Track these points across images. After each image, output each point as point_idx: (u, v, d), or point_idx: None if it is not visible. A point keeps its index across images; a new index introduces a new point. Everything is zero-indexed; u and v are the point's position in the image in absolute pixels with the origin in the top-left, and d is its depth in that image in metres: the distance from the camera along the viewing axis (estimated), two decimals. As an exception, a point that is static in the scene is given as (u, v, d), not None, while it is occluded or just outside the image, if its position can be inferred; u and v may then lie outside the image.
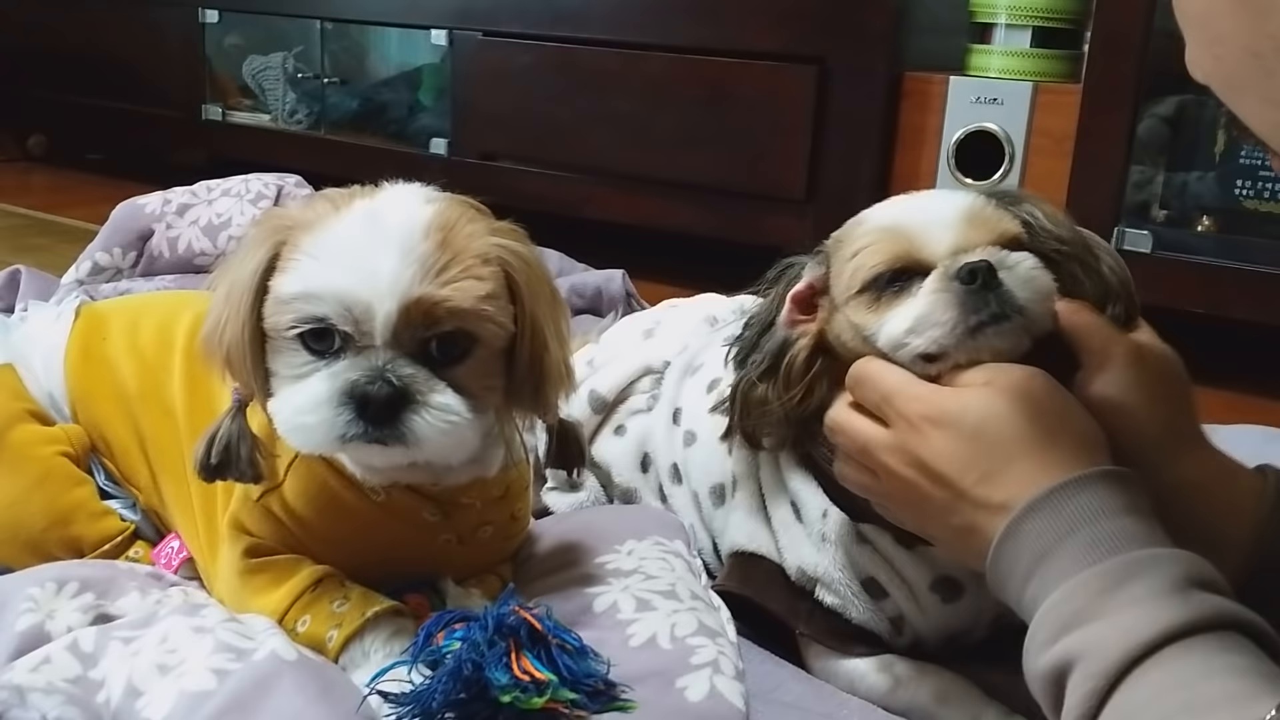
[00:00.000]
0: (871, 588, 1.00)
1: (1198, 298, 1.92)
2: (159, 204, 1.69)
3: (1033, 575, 0.77)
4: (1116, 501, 0.77)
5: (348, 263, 0.85)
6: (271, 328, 0.88)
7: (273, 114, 3.04)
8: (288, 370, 0.88)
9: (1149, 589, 0.71)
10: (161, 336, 1.12)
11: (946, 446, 0.84)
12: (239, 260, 0.91)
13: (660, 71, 2.39)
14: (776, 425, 0.99)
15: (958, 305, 0.88)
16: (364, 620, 0.93)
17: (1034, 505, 0.78)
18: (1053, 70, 2.11)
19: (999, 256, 0.90)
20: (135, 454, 1.12)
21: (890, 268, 0.92)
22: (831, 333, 0.97)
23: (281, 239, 0.88)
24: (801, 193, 2.24)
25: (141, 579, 1.03)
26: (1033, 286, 0.89)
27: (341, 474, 0.97)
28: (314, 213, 0.89)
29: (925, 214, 0.94)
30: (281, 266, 0.87)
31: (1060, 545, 0.76)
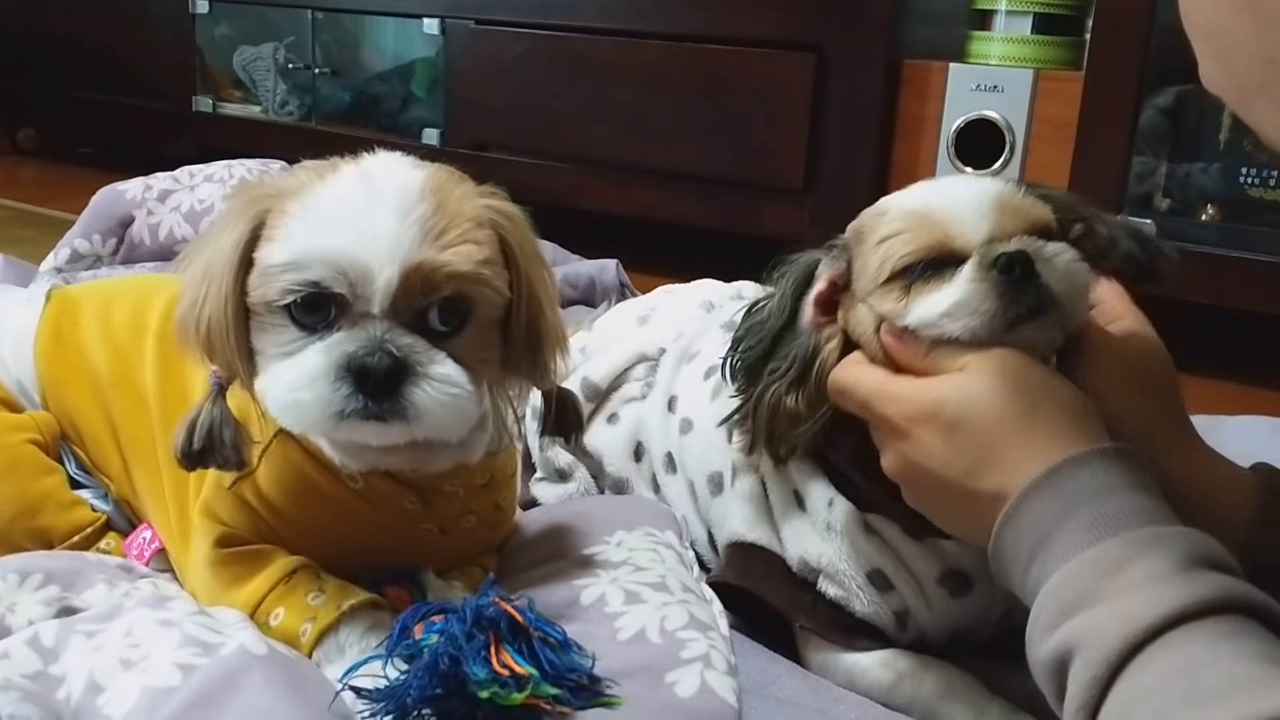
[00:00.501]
0: (877, 580, 0.97)
1: (1202, 288, 1.88)
2: (140, 190, 1.65)
3: (1034, 559, 0.74)
4: (1117, 478, 0.74)
5: (343, 226, 0.81)
6: (258, 301, 0.84)
7: (264, 106, 3.01)
8: (275, 348, 0.84)
9: (1151, 570, 0.67)
10: (135, 320, 1.09)
11: (930, 443, 0.82)
12: (216, 234, 0.87)
13: (656, 60, 2.36)
14: (806, 435, 0.95)
15: (998, 296, 0.85)
16: (340, 614, 0.89)
17: (1033, 488, 0.75)
18: (1054, 57, 2.08)
19: (1035, 247, 0.86)
20: (107, 442, 1.08)
21: (923, 257, 0.89)
22: (851, 327, 0.94)
23: (264, 208, 0.84)
24: (799, 182, 2.21)
25: (111, 571, 1.00)
26: (1071, 280, 0.86)
27: (318, 460, 0.93)
28: (297, 180, 0.85)
29: (957, 201, 0.91)
30: (267, 235, 0.83)
31: (1060, 527, 0.73)
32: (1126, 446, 0.76)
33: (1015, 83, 2.04)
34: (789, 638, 1.01)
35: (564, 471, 1.23)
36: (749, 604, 1.02)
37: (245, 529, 0.95)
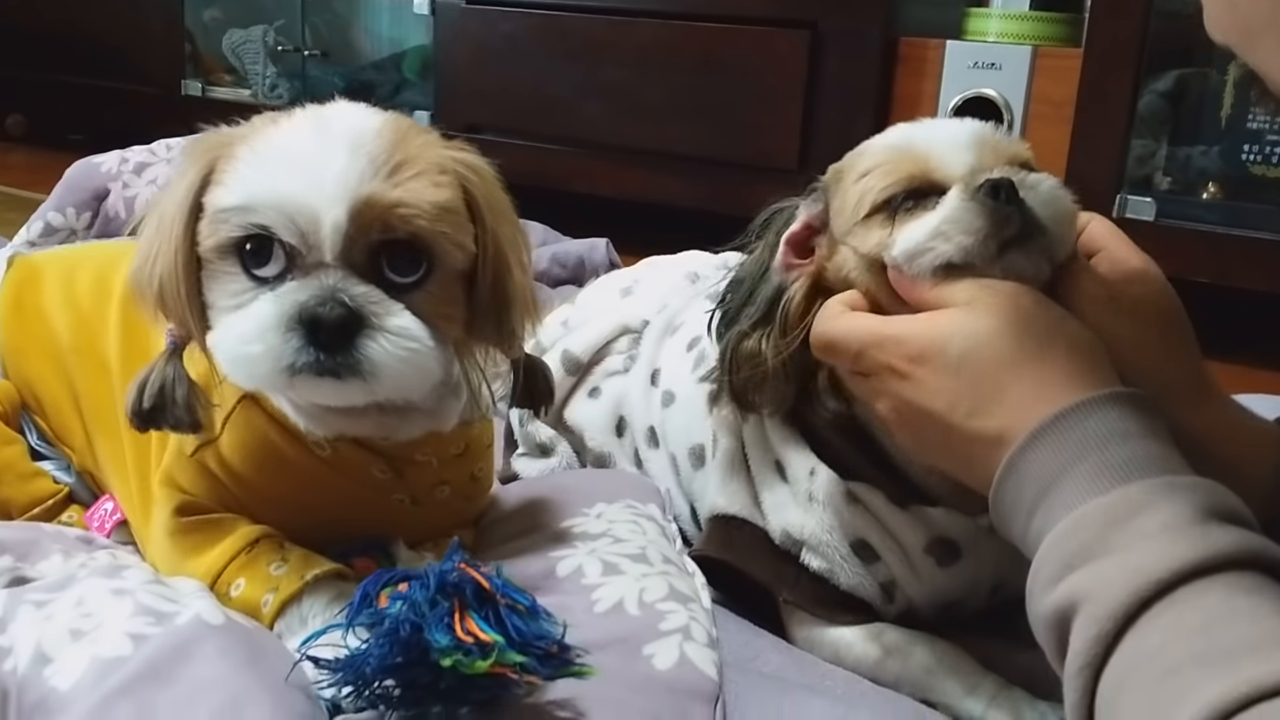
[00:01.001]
0: (862, 551, 0.93)
1: (1203, 267, 1.85)
2: (115, 163, 1.61)
3: (1036, 508, 0.70)
4: (1127, 425, 0.70)
5: (290, 167, 0.77)
6: (208, 250, 0.80)
7: (253, 89, 2.97)
8: (227, 300, 0.80)
9: (1163, 521, 0.63)
10: (99, 286, 1.05)
11: (932, 382, 0.77)
12: (170, 185, 0.83)
13: (648, 39, 2.32)
14: (772, 381, 0.92)
15: (987, 216, 0.81)
16: (303, 584, 0.85)
17: (1038, 433, 0.71)
18: (1053, 34, 2.04)
19: (1019, 176, 0.84)
20: (69, 412, 1.05)
21: (905, 188, 0.86)
22: (832, 269, 0.90)
23: (216, 154, 0.80)
24: (794, 162, 2.18)
25: (69, 542, 0.96)
26: (1056, 206, 0.84)
27: (284, 426, 0.89)
28: (251, 127, 0.82)
29: (938, 135, 0.89)
30: (216, 180, 0.79)
31: (1065, 475, 0.69)
32: (1138, 392, 0.72)
33: (1013, 60, 2.00)
34: (774, 612, 0.98)
35: (546, 446, 1.20)
36: (733, 578, 0.99)
37: (207, 497, 0.91)
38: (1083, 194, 0.89)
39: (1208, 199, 1.92)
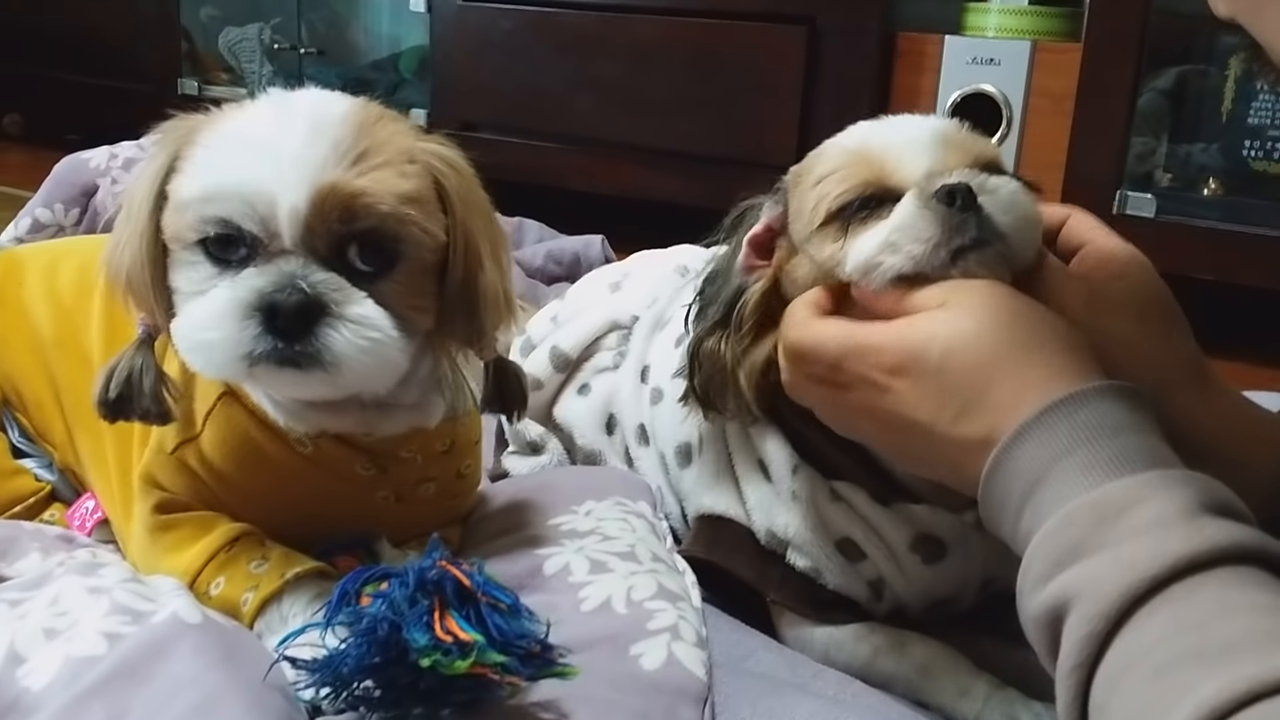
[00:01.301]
0: (847, 549, 0.92)
1: (1203, 264, 1.83)
2: (104, 158, 1.59)
3: (1026, 504, 0.68)
4: (1116, 418, 0.67)
5: (249, 152, 0.75)
6: (172, 238, 0.79)
7: (249, 88, 2.95)
8: (190, 286, 0.78)
9: (1155, 516, 0.61)
10: (81, 279, 1.04)
11: (914, 392, 0.75)
12: (139, 172, 0.82)
13: (645, 34, 2.30)
14: (731, 384, 0.90)
15: (939, 223, 0.79)
16: (283, 582, 0.84)
17: (1024, 429, 0.69)
18: (1052, 28, 2.02)
19: (979, 180, 0.81)
20: (51, 407, 1.03)
21: (859, 194, 0.83)
22: (788, 276, 0.88)
23: (180, 141, 0.79)
24: (792, 158, 2.09)
25: (48, 540, 0.95)
26: (1016, 212, 0.81)
27: (265, 423, 0.88)
28: (217, 114, 0.80)
29: (896, 136, 0.86)
30: (179, 168, 0.78)
31: (1053, 470, 0.67)
32: (1126, 384, 0.70)
33: (1012, 55, 1.98)
34: (766, 610, 0.96)
35: (536, 444, 1.18)
36: (724, 576, 0.97)
37: (187, 495, 0.90)
38: (1082, 190, 0.88)
39: (1209, 195, 1.91)
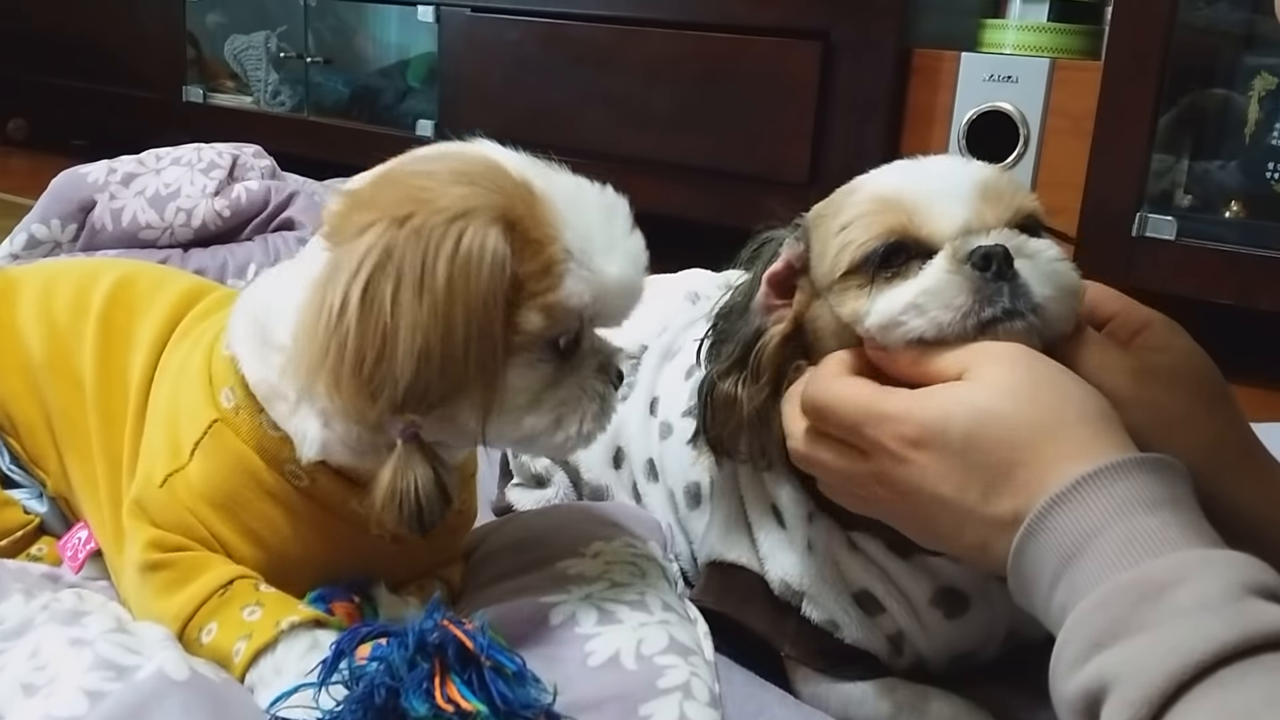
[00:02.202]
0: (865, 602, 0.88)
1: (1224, 287, 1.79)
2: (103, 173, 1.56)
3: (1059, 580, 0.64)
4: (1154, 492, 0.64)
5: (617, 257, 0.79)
6: (527, 337, 0.77)
7: (255, 96, 2.93)
8: (524, 383, 0.79)
9: (1198, 597, 0.58)
10: (77, 300, 1.01)
11: (936, 468, 0.71)
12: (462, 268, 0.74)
13: (656, 48, 2.27)
14: (747, 430, 0.86)
15: (971, 292, 0.74)
16: (277, 632, 0.80)
17: (1058, 500, 0.65)
18: (1071, 46, 1.99)
19: (1017, 242, 0.76)
20: (42, 432, 1.00)
21: (884, 243, 0.78)
22: (809, 320, 0.84)
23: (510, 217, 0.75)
24: (804, 175, 2.13)
25: (33, 580, 0.91)
26: (1055, 282, 0.76)
27: (260, 452, 0.85)
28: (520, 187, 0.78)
29: (932, 183, 0.80)
30: (537, 270, 0.76)
31: (1090, 544, 0.63)
32: (1163, 457, 0.67)
33: (1030, 72, 1.94)
34: (780, 663, 0.92)
35: (541, 477, 1.15)
36: (735, 624, 0.93)
37: (179, 530, 0.86)
38: (1101, 212, 0.84)
39: (1230, 217, 1.87)
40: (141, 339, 0.96)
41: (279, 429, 0.84)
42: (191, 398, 0.88)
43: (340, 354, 0.72)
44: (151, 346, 0.95)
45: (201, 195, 1.59)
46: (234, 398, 0.86)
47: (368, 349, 0.71)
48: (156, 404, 0.92)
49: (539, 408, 0.81)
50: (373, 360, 0.71)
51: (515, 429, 0.81)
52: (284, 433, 0.84)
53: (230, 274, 1.58)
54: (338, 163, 2.68)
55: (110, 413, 0.95)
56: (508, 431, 0.81)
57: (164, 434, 0.89)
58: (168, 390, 0.91)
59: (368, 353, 0.71)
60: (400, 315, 0.71)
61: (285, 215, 1.65)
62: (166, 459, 0.87)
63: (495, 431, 0.80)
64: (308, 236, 1.63)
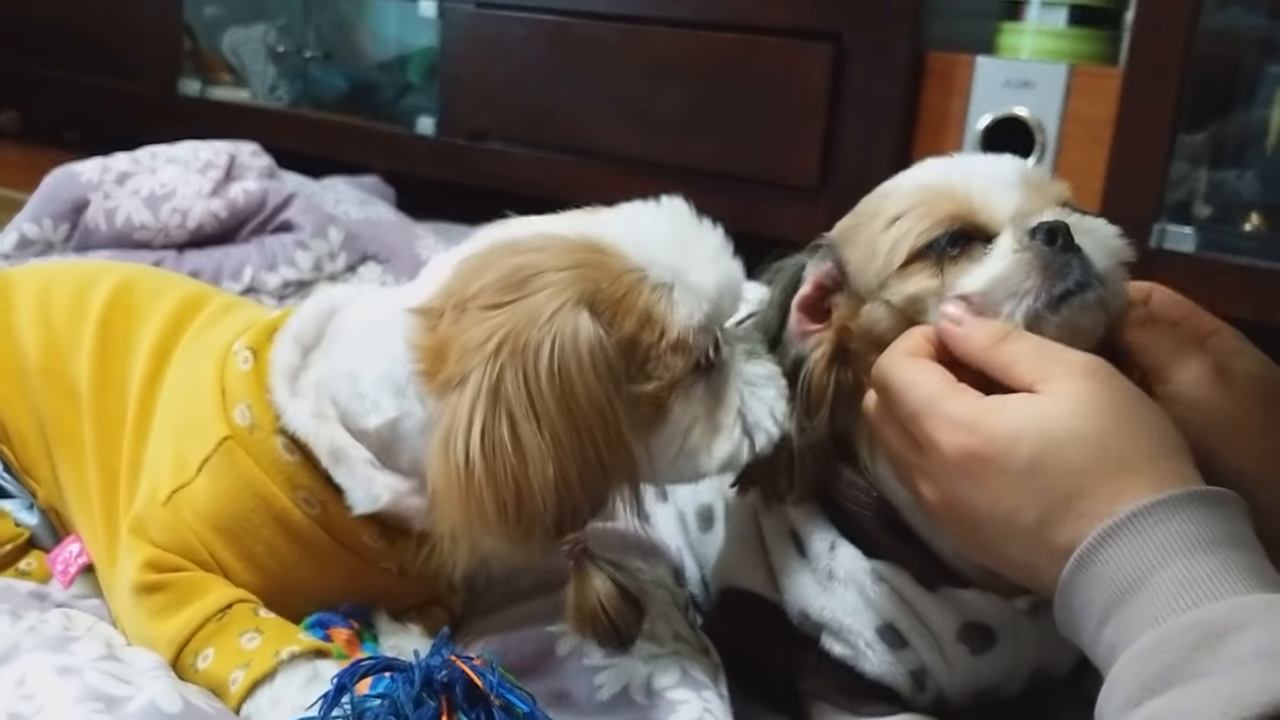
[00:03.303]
0: (888, 636, 0.84)
1: (1244, 302, 1.75)
2: (97, 172, 1.52)
3: (1110, 615, 0.62)
4: (1215, 530, 0.61)
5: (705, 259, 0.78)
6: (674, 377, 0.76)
7: (253, 90, 2.88)
8: (692, 412, 0.78)
9: (1260, 645, 0.55)
10: (76, 303, 0.97)
11: (994, 486, 0.67)
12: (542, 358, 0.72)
13: (663, 47, 2.23)
14: (799, 466, 0.82)
15: (1041, 269, 0.73)
16: (276, 662, 0.77)
17: (1113, 532, 0.62)
18: (1090, 52, 1.95)
19: (1074, 219, 0.75)
20: (34, 441, 0.96)
21: (947, 229, 0.76)
22: (858, 330, 0.80)
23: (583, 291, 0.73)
24: (814, 179, 2.08)
25: (20, 599, 0.88)
26: (1112, 254, 0.75)
27: (272, 473, 0.82)
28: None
29: (979, 173, 0.80)
30: (642, 319, 0.74)
31: (1146, 581, 0.60)
32: (1224, 491, 0.63)
33: (1048, 78, 1.90)
34: (797, 694, 0.88)
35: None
36: (749, 654, 0.89)
37: (179, 551, 0.83)
38: (1118, 221, 0.81)
39: (1251, 230, 1.83)
40: (141, 346, 0.93)
41: (295, 452, 0.81)
42: (200, 411, 0.85)
43: (480, 508, 0.70)
44: (152, 353, 0.92)
45: (198, 196, 1.55)
46: (249, 415, 0.83)
47: (505, 496, 0.69)
48: (162, 416, 0.88)
49: (716, 426, 0.79)
50: (514, 504, 0.69)
51: (706, 458, 0.79)
52: (300, 457, 0.81)
53: (226, 276, 1.54)
54: (335, 158, 2.65)
55: (107, 421, 0.91)
56: (697, 467, 0.79)
57: (170, 448, 0.86)
58: (175, 402, 0.87)
59: (506, 500, 0.69)
60: (525, 453, 0.69)
61: (283, 217, 1.61)
62: (172, 473, 0.84)
63: (676, 473, 0.80)
64: (306, 240, 1.61)
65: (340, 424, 0.81)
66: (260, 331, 0.87)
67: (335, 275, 1.60)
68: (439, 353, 0.74)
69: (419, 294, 0.78)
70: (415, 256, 1.67)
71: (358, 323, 0.83)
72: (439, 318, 0.75)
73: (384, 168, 2.55)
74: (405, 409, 0.78)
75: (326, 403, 0.81)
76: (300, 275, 1.58)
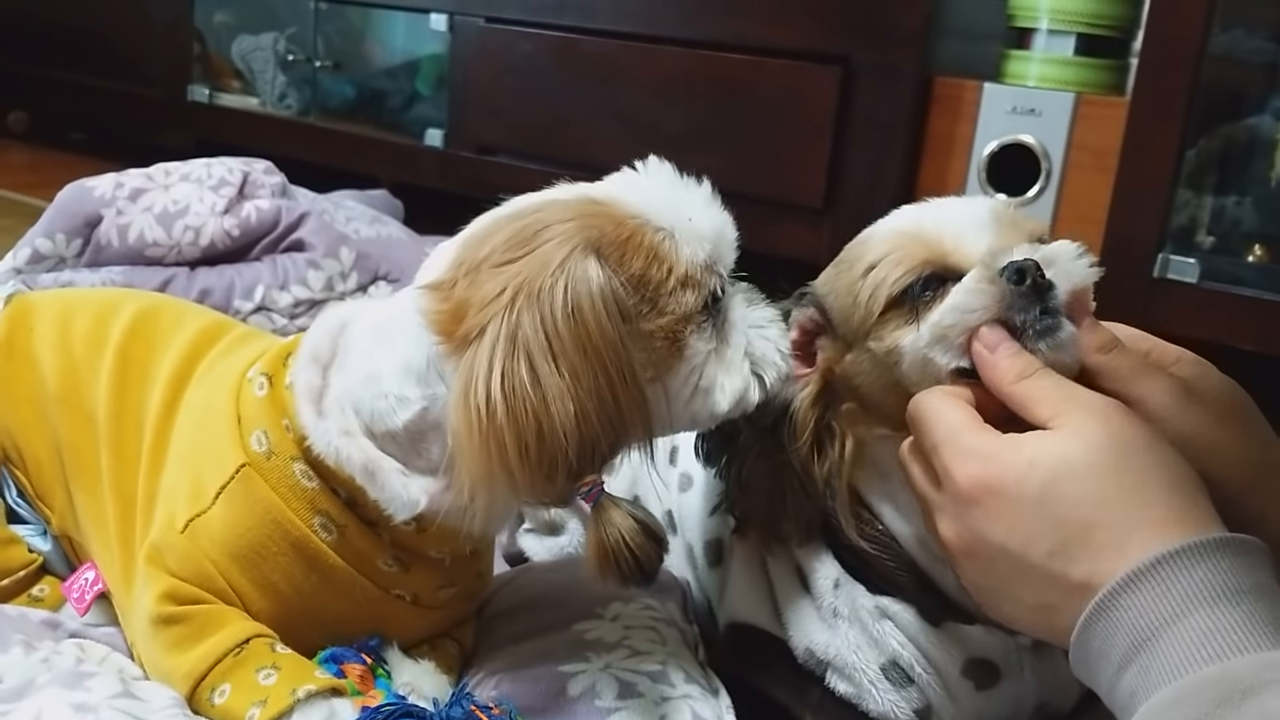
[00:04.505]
0: (893, 674, 0.85)
1: (1247, 333, 1.76)
2: (110, 187, 1.52)
3: (1131, 662, 0.61)
4: (1241, 580, 0.61)
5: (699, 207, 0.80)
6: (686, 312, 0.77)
7: (261, 98, 2.89)
8: (702, 348, 0.79)
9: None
10: (96, 331, 0.98)
11: (1006, 518, 0.68)
12: (548, 300, 0.74)
13: (671, 66, 2.24)
14: (793, 504, 0.84)
15: (1006, 308, 0.74)
16: (293, 701, 0.77)
17: (1136, 577, 0.62)
18: (1097, 81, 1.95)
19: (1042, 252, 0.75)
20: (50, 467, 0.97)
21: (920, 274, 0.78)
22: (843, 374, 0.83)
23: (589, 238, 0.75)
24: (819, 201, 2.09)
25: (32, 628, 0.88)
26: (1077, 276, 0.76)
27: (290, 500, 0.82)
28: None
29: (951, 216, 0.81)
30: (648, 260, 0.76)
31: (1169, 630, 0.60)
32: (1248, 539, 0.63)
33: (1054, 106, 1.91)
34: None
35: (554, 524, 1.12)
36: (756, 687, 0.90)
37: (196, 579, 0.83)
38: (1122, 250, 0.82)
39: (1254, 262, 1.84)
40: (159, 375, 0.94)
41: (314, 479, 0.82)
42: (216, 439, 0.86)
43: (502, 451, 0.71)
44: (169, 383, 0.93)
45: (210, 213, 1.55)
46: (266, 442, 0.83)
47: (526, 436, 0.70)
48: (178, 444, 0.89)
49: (727, 364, 0.80)
50: (535, 444, 0.70)
51: (720, 395, 0.80)
52: (319, 484, 0.82)
53: (238, 294, 1.55)
54: (343, 168, 2.66)
55: (124, 449, 0.92)
56: (712, 406, 0.80)
57: (187, 476, 0.86)
58: (191, 430, 0.88)
59: (528, 439, 0.70)
60: (544, 391, 0.70)
61: (296, 236, 1.61)
62: (189, 502, 0.85)
63: (690, 415, 0.81)
64: (319, 259, 1.61)
65: (365, 436, 0.81)
66: (274, 357, 0.88)
67: (346, 295, 1.61)
68: (456, 314, 0.75)
69: (428, 275, 0.80)
70: (426, 276, 1.67)
71: (369, 327, 0.83)
72: (452, 286, 0.76)
73: (392, 178, 2.55)
74: (430, 394, 0.78)
75: (351, 416, 0.81)
76: (312, 294, 1.59)
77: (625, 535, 0.73)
